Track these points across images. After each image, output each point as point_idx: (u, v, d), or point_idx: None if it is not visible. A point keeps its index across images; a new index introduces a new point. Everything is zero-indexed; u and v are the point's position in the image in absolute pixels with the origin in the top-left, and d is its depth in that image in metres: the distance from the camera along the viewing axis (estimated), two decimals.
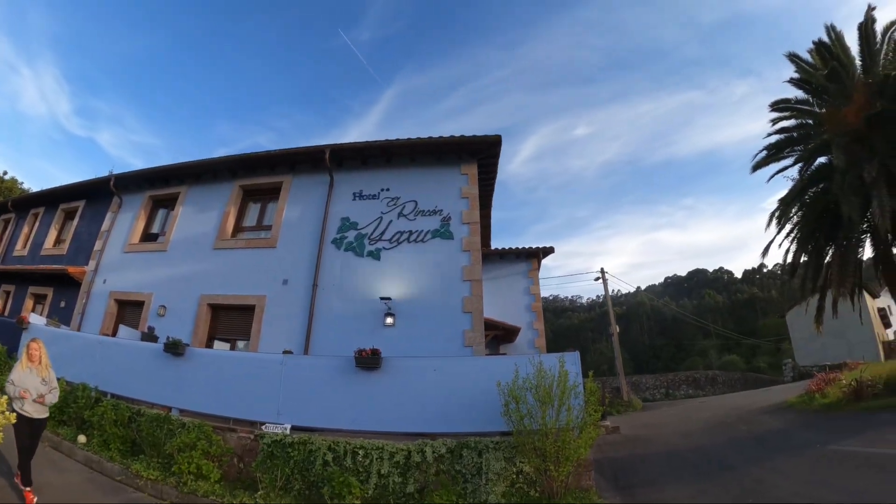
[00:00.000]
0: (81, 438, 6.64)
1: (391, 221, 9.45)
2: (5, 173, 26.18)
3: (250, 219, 11.27)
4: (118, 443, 6.43)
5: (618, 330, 23.02)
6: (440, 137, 9.73)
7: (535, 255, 15.53)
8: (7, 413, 4.38)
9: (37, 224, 16.04)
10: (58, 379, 5.91)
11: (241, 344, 9.78)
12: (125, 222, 12.69)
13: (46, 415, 4.98)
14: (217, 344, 9.99)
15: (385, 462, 5.35)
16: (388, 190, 9.84)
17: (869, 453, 6.44)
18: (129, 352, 7.94)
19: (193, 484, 5.41)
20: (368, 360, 6.06)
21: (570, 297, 79.09)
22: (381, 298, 8.49)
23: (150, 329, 9.08)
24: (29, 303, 14.04)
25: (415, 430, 5.85)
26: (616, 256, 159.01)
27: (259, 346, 8.95)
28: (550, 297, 71.91)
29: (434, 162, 9.99)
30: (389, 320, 8.45)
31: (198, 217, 11.33)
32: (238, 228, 11.09)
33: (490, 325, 11.66)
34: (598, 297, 71.38)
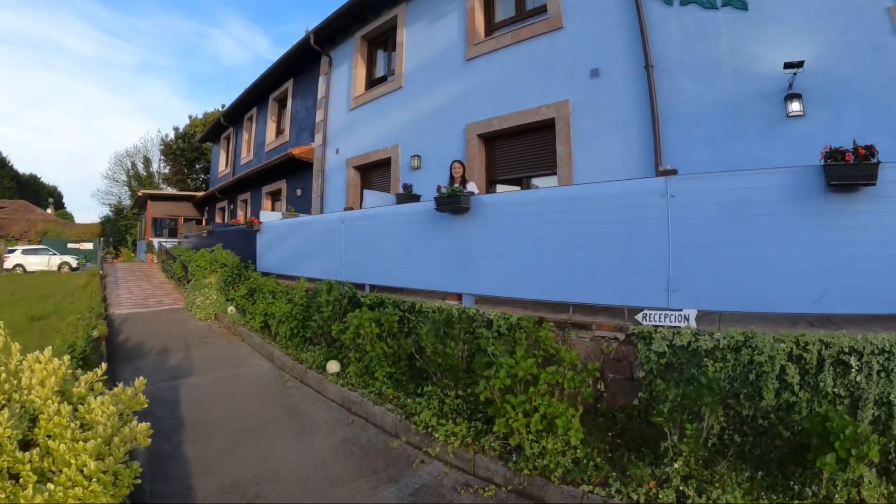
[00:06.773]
0: (332, 367, 4.72)
1: None
2: (224, 106, 28.07)
3: (505, 8, 7.80)
4: (387, 365, 4.26)
5: None
6: None
7: None
8: None
9: (253, 126, 15.80)
10: (298, 278, 3.91)
11: (540, 182, 6.88)
12: (342, 78, 10.64)
13: None
14: (500, 189, 7.40)
15: None
16: None
17: None
18: (386, 223, 5.60)
19: (538, 460, 2.84)
20: (850, 169, 2.72)
21: None
22: (787, 66, 4.53)
23: (407, 187, 6.25)
24: (266, 203, 13.86)
25: None
26: None
27: (574, 178, 6.02)
28: None
29: None
30: (795, 107, 4.62)
31: (430, 33, 8.51)
32: (492, 26, 7.79)
33: None
34: None
